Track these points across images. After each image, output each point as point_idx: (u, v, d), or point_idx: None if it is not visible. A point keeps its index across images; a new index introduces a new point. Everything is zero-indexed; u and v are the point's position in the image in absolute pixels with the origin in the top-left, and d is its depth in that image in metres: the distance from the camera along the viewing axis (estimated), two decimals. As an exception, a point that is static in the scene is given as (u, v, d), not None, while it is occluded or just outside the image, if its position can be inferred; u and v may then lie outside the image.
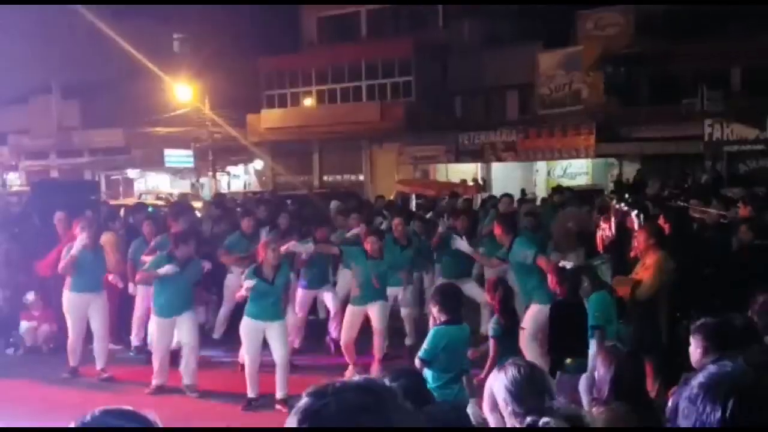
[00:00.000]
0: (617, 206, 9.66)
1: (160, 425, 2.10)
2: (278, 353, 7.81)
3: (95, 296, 8.99)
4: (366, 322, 8.81)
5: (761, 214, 9.64)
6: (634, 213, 8.83)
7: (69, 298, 9.00)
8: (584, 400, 6.64)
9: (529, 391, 3.74)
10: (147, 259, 9.01)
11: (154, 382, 8.39)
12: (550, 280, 6.75)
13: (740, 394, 1.30)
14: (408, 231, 10.14)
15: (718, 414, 1.30)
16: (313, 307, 10.83)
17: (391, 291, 9.21)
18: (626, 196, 10.39)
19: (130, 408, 2.11)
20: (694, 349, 4.22)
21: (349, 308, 8.79)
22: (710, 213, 9.77)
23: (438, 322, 5.83)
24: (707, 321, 4.31)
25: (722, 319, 4.41)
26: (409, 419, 1.29)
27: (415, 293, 10.38)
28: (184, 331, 8.33)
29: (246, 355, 7.95)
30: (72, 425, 2.02)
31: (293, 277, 9.37)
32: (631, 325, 6.99)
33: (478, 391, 5.93)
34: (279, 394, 7.80)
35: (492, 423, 5.47)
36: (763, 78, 22.39)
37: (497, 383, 3.83)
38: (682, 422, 1.38)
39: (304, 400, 1.29)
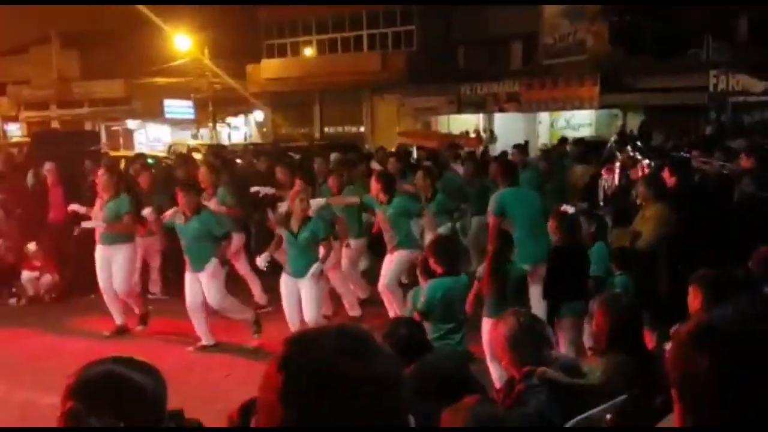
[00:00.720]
0: (631, 154, 9.60)
1: (162, 377, 2.11)
2: (305, 312, 7.64)
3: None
4: None
5: (764, 165, 9.57)
6: (645, 162, 8.76)
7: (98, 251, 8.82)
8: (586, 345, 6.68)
9: (527, 341, 3.76)
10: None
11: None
12: (550, 224, 6.69)
13: (727, 343, 1.27)
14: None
15: (705, 362, 1.27)
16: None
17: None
18: (638, 144, 10.26)
19: (138, 358, 2.12)
20: (692, 300, 4.22)
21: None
22: (712, 164, 9.70)
23: (434, 274, 5.83)
24: (705, 272, 4.30)
25: (721, 270, 4.40)
26: (391, 364, 1.27)
27: None
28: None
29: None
30: (80, 371, 2.03)
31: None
32: (631, 276, 6.99)
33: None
34: None
35: (493, 372, 5.53)
36: (768, 27, 22.09)
37: (496, 333, 3.85)
38: (670, 371, 1.36)
39: (282, 348, 1.26)
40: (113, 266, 8.60)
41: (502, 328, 3.83)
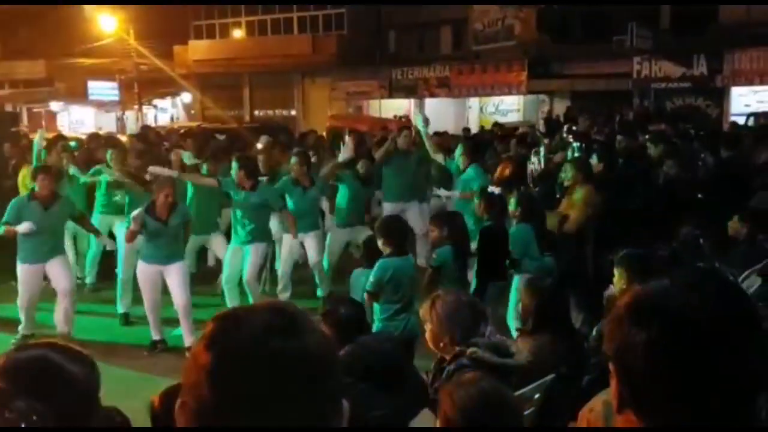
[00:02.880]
0: (565, 136, 9.75)
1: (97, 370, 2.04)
2: (178, 298, 7.50)
3: None
4: None
5: (683, 148, 9.85)
6: (575, 144, 8.92)
7: None
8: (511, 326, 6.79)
9: (464, 318, 3.79)
10: None
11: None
12: (477, 205, 6.77)
13: (664, 316, 1.25)
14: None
15: (643, 336, 1.25)
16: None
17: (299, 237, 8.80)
18: (573, 127, 10.43)
19: (75, 347, 2.03)
20: (618, 279, 4.33)
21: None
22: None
23: (383, 254, 5.83)
24: (630, 251, 4.41)
25: (646, 250, 4.52)
26: (323, 342, 1.23)
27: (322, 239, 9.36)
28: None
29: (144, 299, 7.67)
30: (11, 353, 1.95)
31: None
32: (558, 257, 7.11)
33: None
34: (186, 341, 7.44)
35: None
36: (690, 16, 22.67)
37: (432, 310, 3.87)
38: (607, 345, 1.35)
39: (210, 326, 1.21)
40: None
41: (439, 306, 3.85)
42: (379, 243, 5.85)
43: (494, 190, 6.91)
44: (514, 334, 6.53)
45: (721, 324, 1.25)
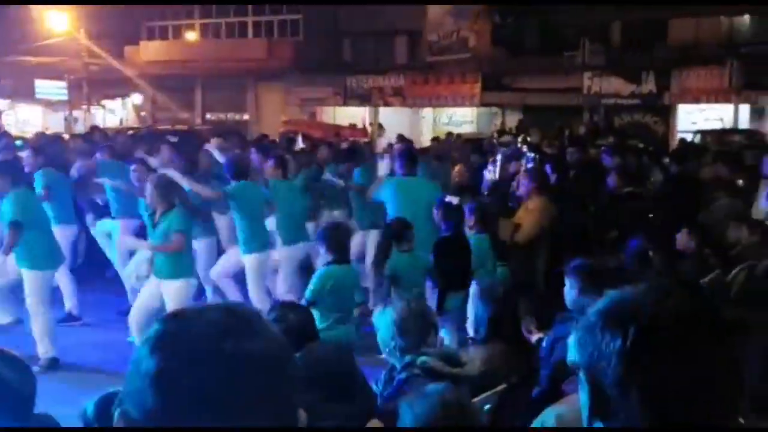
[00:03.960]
0: (519, 146, 9.77)
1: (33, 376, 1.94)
2: None
3: None
4: None
5: (628, 162, 9.98)
6: (531, 155, 8.96)
7: None
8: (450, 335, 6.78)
9: (414, 327, 3.75)
10: None
11: None
12: (435, 214, 6.72)
13: (641, 321, 1.21)
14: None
15: (618, 343, 1.21)
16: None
17: None
18: (527, 138, 10.48)
19: (9, 351, 1.93)
20: (569, 289, 4.33)
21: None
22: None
23: (323, 262, 5.75)
24: (582, 262, 4.42)
25: (596, 260, 4.54)
26: (281, 347, 1.13)
27: None
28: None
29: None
30: None
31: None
32: (510, 267, 7.14)
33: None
34: None
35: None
36: (640, 35, 23.14)
37: (384, 318, 3.83)
38: (578, 353, 1.30)
39: (155, 327, 1.11)
40: None
41: (389, 313, 3.81)
42: (321, 251, 5.78)
43: (452, 200, 6.88)
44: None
45: (697, 330, 1.22)
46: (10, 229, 6.88)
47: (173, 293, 6.54)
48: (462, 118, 27.88)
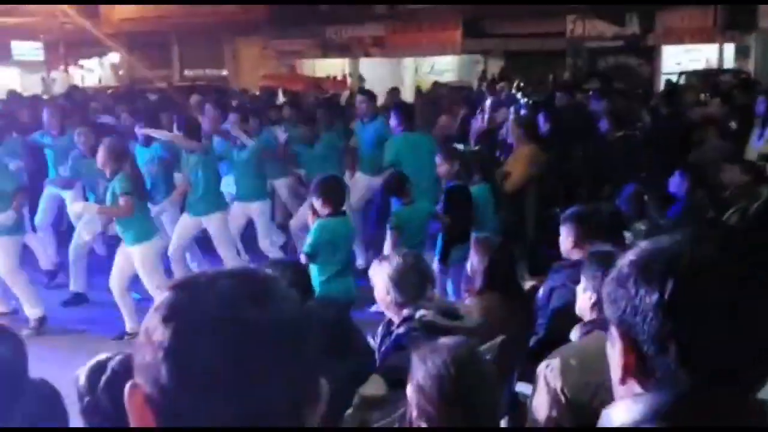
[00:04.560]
0: (513, 92, 9.64)
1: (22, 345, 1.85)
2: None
3: None
4: None
5: (617, 105, 9.90)
6: (523, 101, 8.83)
7: None
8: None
9: (411, 281, 3.69)
10: None
11: None
12: (441, 166, 6.63)
13: (679, 272, 1.14)
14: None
15: (655, 296, 1.13)
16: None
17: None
18: (520, 84, 10.31)
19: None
20: (565, 238, 4.27)
21: None
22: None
23: (320, 215, 5.67)
24: (577, 210, 4.36)
25: (591, 208, 4.48)
26: (300, 311, 1.06)
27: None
28: None
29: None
30: None
31: None
32: (499, 215, 7.08)
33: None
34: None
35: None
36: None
37: (380, 272, 3.76)
38: (609, 308, 1.23)
39: (167, 294, 1.04)
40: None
41: (386, 267, 3.74)
42: (317, 204, 5.70)
43: (458, 146, 6.79)
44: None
45: (742, 276, 1.14)
46: None
47: (139, 258, 6.68)
48: (444, 67, 27.61)
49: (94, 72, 33.89)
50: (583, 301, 3.24)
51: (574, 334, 3.18)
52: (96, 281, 7.88)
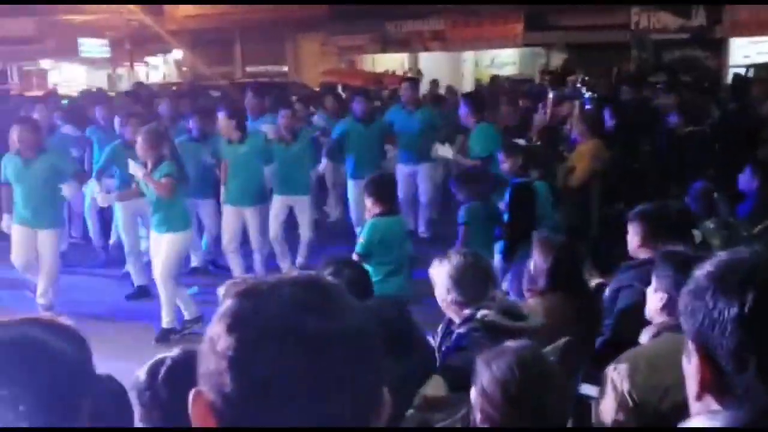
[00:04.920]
0: (578, 86, 9.50)
1: (86, 344, 1.85)
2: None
3: None
4: None
5: (685, 99, 9.65)
6: (588, 95, 8.67)
7: None
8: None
9: (472, 280, 3.63)
10: None
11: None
12: (505, 161, 6.54)
13: (760, 285, 1.08)
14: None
15: (734, 309, 1.08)
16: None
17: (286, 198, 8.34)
18: (585, 78, 10.14)
19: (60, 320, 1.83)
20: (632, 236, 4.17)
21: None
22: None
23: (372, 214, 5.64)
24: (646, 208, 4.24)
25: (660, 207, 4.35)
26: (363, 319, 1.05)
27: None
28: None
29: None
30: None
31: None
32: (562, 211, 6.96)
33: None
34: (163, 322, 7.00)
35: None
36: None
37: (440, 271, 3.72)
38: (686, 321, 1.17)
39: (229, 302, 1.04)
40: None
41: (446, 266, 3.69)
42: (368, 202, 5.66)
43: (519, 141, 6.71)
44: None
45: None
46: None
47: (167, 246, 6.70)
48: (505, 60, 27.33)
49: (158, 69, 34.54)
50: (653, 302, 3.15)
51: (644, 337, 3.09)
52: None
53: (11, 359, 1.65)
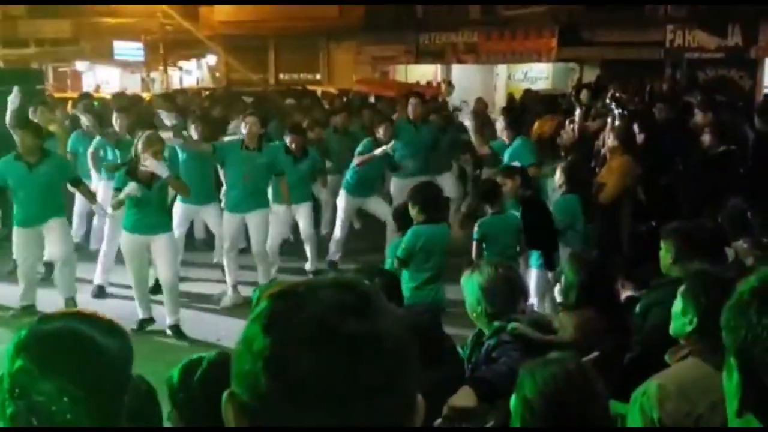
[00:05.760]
0: (607, 101, 9.48)
1: (128, 340, 1.87)
2: (163, 273, 7.08)
3: None
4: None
5: (721, 119, 9.57)
6: (617, 112, 8.64)
7: None
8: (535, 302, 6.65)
9: (502, 292, 3.64)
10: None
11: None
12: (503, 181, 6.59)
13: None
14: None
15: None
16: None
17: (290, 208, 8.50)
18: (617, 94, 10.08)
19: (102, 316, 1.84)
20: (665, 253, 4.16)
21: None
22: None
23: (416, 222, 5.70)
24: (679, 225, 4.23)
25: (694, 224, 4.34)
26: (400, 324, 1.06)
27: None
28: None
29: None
30: (33, 325, 1.77)
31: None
32: (594, 226, 6.94)
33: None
34: (168, 320, 7.16)
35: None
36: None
37: (471, 282, 3.73)
38: (728, 337, 1.17)
39: (266, 303, 1.04)
40: None
41: (476, 277, 3.70)
42: (413, 211, 5.71)
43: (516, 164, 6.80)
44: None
45: None
46: None
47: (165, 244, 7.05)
48: (537, 74, 27.25)
49: (191, 73, 34.82)
50: (682, 324, 3.10)
51: (671, 357, 3.06)
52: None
53: (57, 351, 1.67)
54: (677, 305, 3.09)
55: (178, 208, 8.22)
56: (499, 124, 8.23)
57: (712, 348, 2.54)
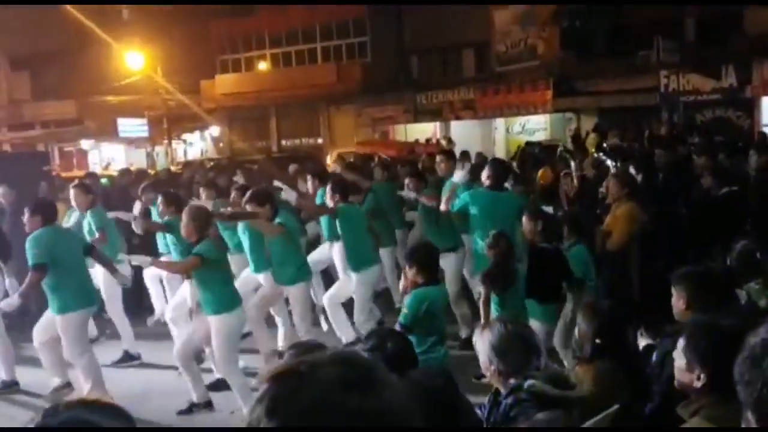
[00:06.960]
0: (595, 155, 9.53)
1: (132, 421, 1.88)
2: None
3: None
4: None
5: (721, 160, 9.61)
6: (610, 163, 8.69)
7: None
8: (560, 354, 6.58)
9: (515, 350, 3.59)
10: None
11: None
12: (526, 225, 6.53)
13: None
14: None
15: None
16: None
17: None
18: (604, 144, 10.16)
19: (106, 401, 1.86)
20: (677, 300, 4.14)
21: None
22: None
23: (413, 284, 5.61)
24: (690, 271, 4.22)
25: (704, 268, 4.34)
26: (404, 397, 1.06)
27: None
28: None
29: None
30: (37, 421, 1.78)
31: None
32: (602, 275, 6.92)
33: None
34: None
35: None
36: (716, 28, 22.43)
37: (482, 341, 3.69)
38: (743, 390, 1.17)
39: (268, 386, 1.05)
40: None
41: (487, 336, 3.67)
42: (410, 272, 5.60)
43: (547, 209, 6.74)
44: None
45: None
46: (31, 271, 6.71)
47: (215, 328, 6.46)
48: (535, 126, 27.51)
49: (194, 145, 35.20)
50: (690, 378, 2.99)
51: (683, 412, 3.00)
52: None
53: None
54: (680, 361, 3.03)
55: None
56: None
57: (725, 399, 2.51)
